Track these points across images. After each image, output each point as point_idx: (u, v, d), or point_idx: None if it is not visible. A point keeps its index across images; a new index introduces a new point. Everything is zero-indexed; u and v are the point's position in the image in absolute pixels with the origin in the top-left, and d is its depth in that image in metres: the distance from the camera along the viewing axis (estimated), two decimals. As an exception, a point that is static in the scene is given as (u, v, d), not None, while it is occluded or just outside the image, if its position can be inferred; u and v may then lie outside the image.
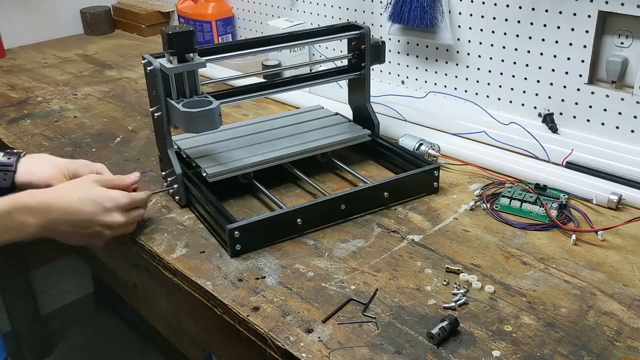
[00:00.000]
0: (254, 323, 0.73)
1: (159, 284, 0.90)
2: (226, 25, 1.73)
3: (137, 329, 2.04)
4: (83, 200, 0.82)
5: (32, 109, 1.43)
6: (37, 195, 0.81)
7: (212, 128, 0.89)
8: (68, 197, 0.82)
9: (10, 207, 0.78)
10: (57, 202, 0.81)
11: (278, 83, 1.07)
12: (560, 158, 1.05)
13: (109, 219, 0.84)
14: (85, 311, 2.17)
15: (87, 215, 0.82)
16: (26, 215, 0.79)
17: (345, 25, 1.08)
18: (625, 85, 1.05)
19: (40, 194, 0.82)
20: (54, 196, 0.82)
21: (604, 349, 0.68)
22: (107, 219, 0.84)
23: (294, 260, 0.84)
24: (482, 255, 0.84)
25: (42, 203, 0.80)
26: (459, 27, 1.23)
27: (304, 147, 1.03)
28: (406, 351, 0.68)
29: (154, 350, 1.93)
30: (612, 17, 1.02)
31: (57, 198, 0.82)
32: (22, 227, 0.79)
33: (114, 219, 0.84)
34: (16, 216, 0.78)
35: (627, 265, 0.82)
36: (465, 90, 1.27)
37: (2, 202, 0.79)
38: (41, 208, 0.80)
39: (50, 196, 0.82)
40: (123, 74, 1.66)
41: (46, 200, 0.81)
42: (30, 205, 0.79)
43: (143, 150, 1.19)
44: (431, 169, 0.98)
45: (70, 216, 0.81)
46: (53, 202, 0.81)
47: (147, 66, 0.91)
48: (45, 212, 0.80)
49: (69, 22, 2.04)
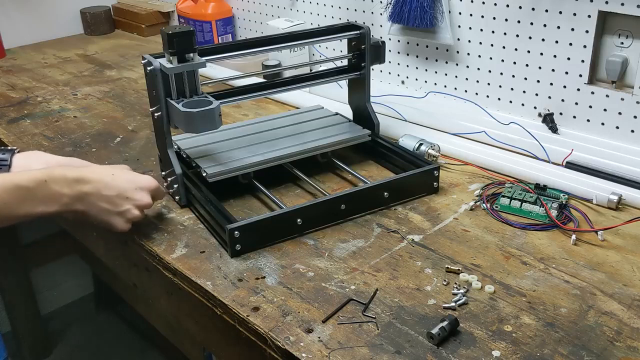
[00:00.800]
0: (254, 323, 0.73)
1: (159, 284, 0.90)
2: (226, 25, 1.73)
3: (137, 329, 2.04)
4: (117, 177, 0.86)
5: (32, 109, 1.43)
6: (73, 169, 0.83)
7: (212, 128, 0.89)
8: (102, 172, 0.86)
9: (47, 177, 0.80)
10: (92, 175, 0.83)
11: (278, 83, 1.07)
12: (560, 158, 1.05)
13: (139, 197, 0.86)
14: (85, 311, 2.17)
15: (120, 190, 0.85)
16: (62, 185, 0.80)
17: (345, 25, 1.08)
18: (625, 85, 1.05)
19: (75, 168, 0.84)
20: (89, 171, 0.85)
21: (604, 349, 0.68)
22: (137, 196, 0.86)
23: (294, 260, 0.84)
24: (482, 255, 0.84)
25: (78, 175, 0.82)
26: (459, 27, 1.23)
27: (304, 147, 1.03)
28: (406, 351, 0.68)
29: (154, 350, 1.94)
30: (612, 17, 1.02)
31: (92, 172, 0.84)
32: (57, 197, 0.80)
33: (144, 199, 0.87)
34: (52, 186, 0.79)
35: (627, 265, 0.82)
36: (465, 90, 1.27)
37: (38, 172, 0.80)
38: (77, 179, 0.82)
39: (85, 170, 0.84)
40: (123, 74, 1.66)
41: (82, 173, 0.83)
42: (66, 176, 0.81)
43: (143, 150, 1.19)
44: (431, 169, 0.98)
45: (104, 190, 0.83)
46: (88, 175, 0.83)
47: (147, 66, 0.92)
48: (80, 183, 0.82)
49: (69, 22, 2.04)
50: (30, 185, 0.78)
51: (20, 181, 0.78)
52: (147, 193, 0.88)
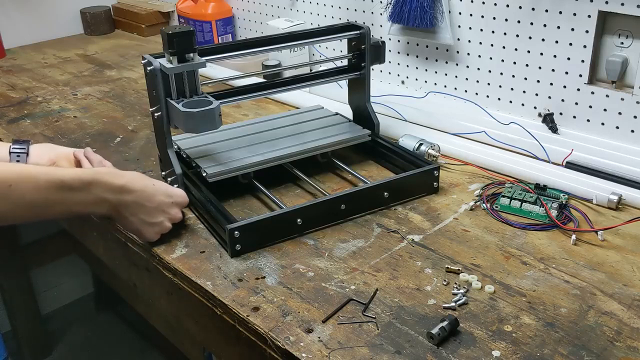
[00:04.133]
0: (254, 323, 0.73)
1: (159, 284, 0.90)
2: (226, 25, 1.73)
3: (137, 329, 2.04)
4: (157, 188, 0.86)
5: (32, 109, 1.43)
6: (117, 175, 0.82)
7: (212, 128, 0.89)
8: (145, 183, 0.85)
9: (93, 179, 0.79)
10: (135, 185, 0.83)
11: (278, 83, 1.07)
12: (560, 158, 1.05)
13: (174, 212, 0.87)
14: (85, 311, 2.17)
15: (159, 203, 0.85)
16: (106, 191, 0.80)
17: (345, 25, 1.08)
18: (625, 85, 1.05)
19: (120, 175, 0.83)
20: (132, 179, 0.83)
21: (604, 349, 0.68)
22: (172, 212, 0.87)
23: (294, 260, 0.84)
24: (482, 255, 0.84)
25: (123, 184, 0.81)
26: (459, 27, 1.23)
27: (304, 147, 1.03)
28: (406, 351, 0.68)
29: (154, 350, 1.94)
30: (612, 17, 1.02)
31: (135, 182, 0.83)
32: (99, 202, 0.80)
33: (177, 215, 0.88)
34: (96, 190, 0.79)
35: (627, 265, 0.82)
36: (465, 90, 1.27)
37: (83, 172, 0.80)
38: (121, 188, 0.81)
39: (129, 178, 0.83)
40: (123, 74, 1.66)
41: (126, 182, 0.82)
42: (112, 184, 0.80)
43: (143, 150, 1.19)
44: (431, 169, 0.98)
45: (145, 202, 0.84)
46: (132, 185, 0.83)
47: (147, 66, 0.92)
48: (124, 192, 0.82)
49: (69, 22, 2.04)
50: (75, 185, 0.77)
51: (64, 177, 0.76)
52: (179, 208, 0.89)
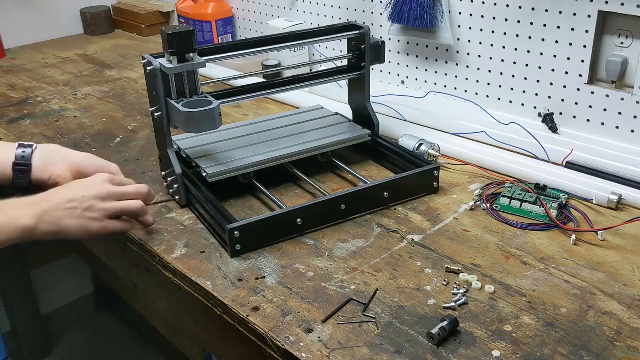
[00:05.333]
0: (254, 323, 0.73)
1: (159, 284, 0.90)
2: (226, 25, 1.74)
3: (137, 329, 2.04)
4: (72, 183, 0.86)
5: (32, 109, 1.43)
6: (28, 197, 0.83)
7: (212, 128, 0.89)
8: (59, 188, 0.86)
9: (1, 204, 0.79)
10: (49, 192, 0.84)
11: (278, 83, 1.07)
12: (560, 158, 1.05)
13: (99, 187, 0.85)
14: (85, 311, 2.17)
15: (76, 189, 0.84)
16: (19, 208, 0.80)
17: (345, 25, 1.08)
18: (625, 85, 1.05)
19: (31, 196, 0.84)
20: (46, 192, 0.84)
21: (604, 349, 0.68)
22: (97, 187, 0.84)
23: (294, 260, 0.84)
24: (482, 255, 0.84)
25: (33, 197, 0.82)
26: (459, 27, 1.23)
27: (304, 147, 1.03)
28: (406, 351, 0.68)
29: (154, 350, 1.93)
30: (612, 17, 1.02)
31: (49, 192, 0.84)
32: (16, 220, 0.79)
33: (104, 188, 0.85)
34: (7, 211, 0.79)
35: (627, 265, 0.82)
36: (465, 90, 1.27)
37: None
38: (33, 200, 0.81)
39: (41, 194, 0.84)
40: (123, 74, 1.66)
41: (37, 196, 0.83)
42: (21, 200, 0.81)
43: (143, 150, 1.19)
44: (431, 169, 0.98)
45: (60, 196, 0.82)
46: (45, 193, 0.83)
47: (147, 66, 0.91)
48: (36, 202, 0.81)
49: (69, 22, 2.04)
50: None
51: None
52: (106, 182, 0.86)
